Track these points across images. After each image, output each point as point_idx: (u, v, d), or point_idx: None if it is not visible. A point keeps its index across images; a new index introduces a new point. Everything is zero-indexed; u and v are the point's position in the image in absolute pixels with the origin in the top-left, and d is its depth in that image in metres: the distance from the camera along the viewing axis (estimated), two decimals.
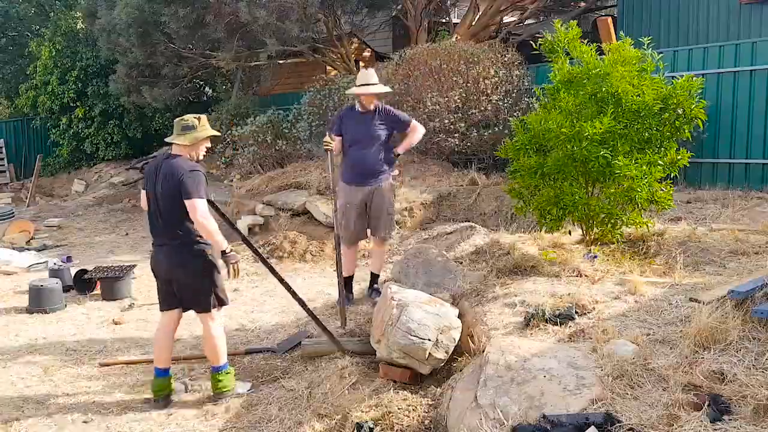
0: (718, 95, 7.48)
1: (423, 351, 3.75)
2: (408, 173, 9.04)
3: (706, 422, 2.51)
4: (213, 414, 3.78)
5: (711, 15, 10.11)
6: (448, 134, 8.84)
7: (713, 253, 4.69)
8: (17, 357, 4.70)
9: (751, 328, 3.12)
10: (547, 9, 13.12)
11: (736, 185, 7.31)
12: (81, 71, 15.05)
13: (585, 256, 4.79)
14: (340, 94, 10.27)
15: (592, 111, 4.88)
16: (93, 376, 4.33)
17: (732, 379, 2.77)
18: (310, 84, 11.17)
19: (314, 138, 10.61)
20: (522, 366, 3.14)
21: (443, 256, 5.38)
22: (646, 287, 3.99)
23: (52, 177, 16.89)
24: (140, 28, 11.74)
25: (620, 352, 3.14)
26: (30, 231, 9.62)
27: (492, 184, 8.20)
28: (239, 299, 6.12)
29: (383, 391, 3.61)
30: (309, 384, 4.00)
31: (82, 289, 6.35)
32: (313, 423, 3.46)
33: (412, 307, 3.90)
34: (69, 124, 15.65)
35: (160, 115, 15.25)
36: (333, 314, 5.33)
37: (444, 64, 8.99)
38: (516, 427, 2.71)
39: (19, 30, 18.50)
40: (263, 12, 10.05)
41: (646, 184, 4.73)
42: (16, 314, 5.77)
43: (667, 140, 4.92)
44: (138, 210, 12.42)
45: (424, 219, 7.95)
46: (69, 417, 3.76)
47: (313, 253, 7.47)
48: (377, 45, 14.87)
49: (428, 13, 12.24)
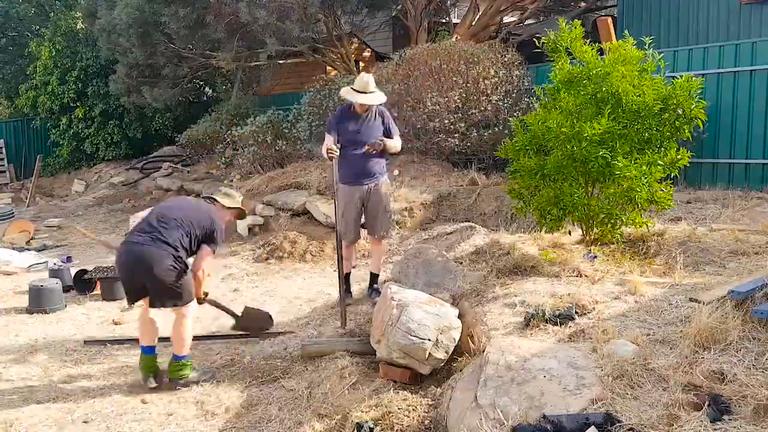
0: (718, 95, 7.47)
1: (423, 351, 3.75)
2: (408, 173, 9.05)
3: (706, 422, 2.51)
4: (213, 414, 3.78)
5: (711, 15, 10.11)
6: (448, 134, 8.84)
7: (713, 253, 4.69)
8: (17, 357, 4.70)
9: (751, 328, 3.12)
10: (547, 9, 13.13)
11: (736, 185, 7.30)
12: (81, 71, 15.06)
13: (585, 256, 4.79)
14: (340, 95, 10.27)
15: (592, 111, 4.88)
16: (93, 376, 4.33)
17: (732, 379, 2.77)
18: (310, 84, 11.18)
19: (314, 138, 10.61)
20: (522, 366, 3.14)
21: (443, 256, 5.38)
22: (646, 287, 3.99)
23: (52, 177, 16.89)
24: (140, 28, 11.74)
25: (620, 352, 3.14)
26: (30, 231, 9.62)
27: (492, 184, 8.20)
28: (239, 299, 6.12)
29: (383, 391, 3.61)
30: (309, 384, 4.00)
31: (82, 289, 6.35)
32: (313, 423, 3.46)
33: (412, 307, 3.90)
34: (69, 125, 15.65)
35: (160, 115, 15.26)
36: (333, 314, 5.33)
37: (444, 64, 8.99)
38: (516, 427, 2.71)
39: (19, 30, 18.51)
40: (263, 12, 10.05)
41: (646, 185, 4.73)
42: (16, 314, 5.76)
43: (667, 140, 4.92)
44: (138, 210, 12.41)
45: (424, 219, 7.95)
46: (69, 417, 3.76)
47: (313, 253, 7.46)
48: (377, 45, 14.88)
49: (428, 13, 12.25)
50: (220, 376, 4.29)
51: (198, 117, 13.72)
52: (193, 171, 13.41)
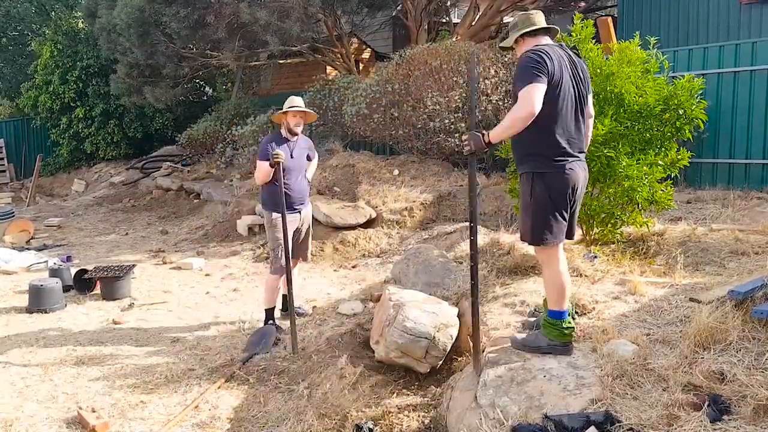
0: (718, 95, 7.48)
1: (420, 349, 3.76)
2: (408, 173, 9.05)
3: (705, 422, 2.51)
4: (213, 414, 3.77)
5: (711, 15, 10.11)
6: (448, 134, 8.84)
7: (713, 253, 4.69)
8: (17, 357, 4.70)
9: (751, 328, 3.12)
10: (547, 9, 13.12)
11: (736, 185, 7.31)
12: (81, 71, 15.07)
13: (585, 256, 4.79)
14: (340, 94, 10.28)
15: (595, 111, 4.88)
16: (93, 376, 4.33)
17: (732, 379, 2.77)
18: (310, 84, 11.19)
19: (314, 138, 10.61)
20: (522, 366, 3.14)
21: (443, 256, 5.39)
22: (646, 287, 3.99)
23: (52, 177, 16.90)
24: (140, 28, 11.75)
25: (620, 352, 3.14)
26: (30, 231, 9.62)
27: (492, 184, 8.21)
28: (239, 299, 6.13)
29: (383, 391, 3.61)
30: (309, 384, 4.00)
31: (82, 288, 6.35)
32: (313, 423, 3.46)
33: (409, 306, 3.90)
34: (69, 124, 15.66)
35: (160, 115, 15.28)
36: (333, 315, 5.33)
37: (444, 64, 8.99)
38: (516, 427, 2.71)
39: (20, 30, 18.52)
40: (264, 12, 10.06)
41: (646, 184, 4.73)
42: (16, 314, 5.76)
43: (668, 140, 4.92)
44: (138, 210, 12.44)
45: (424, 219, 7.96)
46: (69, 417, 3.76)
47: (313, 253, 7.45)
48: (377, 45, 14.89)
49: (428, 13, 12.25)
50: (220, 375, 4.29)
51: (198, 117, 13.74)
52: (193, 170, 13.42)
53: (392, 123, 9.33)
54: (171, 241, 9.14)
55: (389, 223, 7.91)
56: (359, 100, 9.49)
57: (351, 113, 9.59)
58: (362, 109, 9.43)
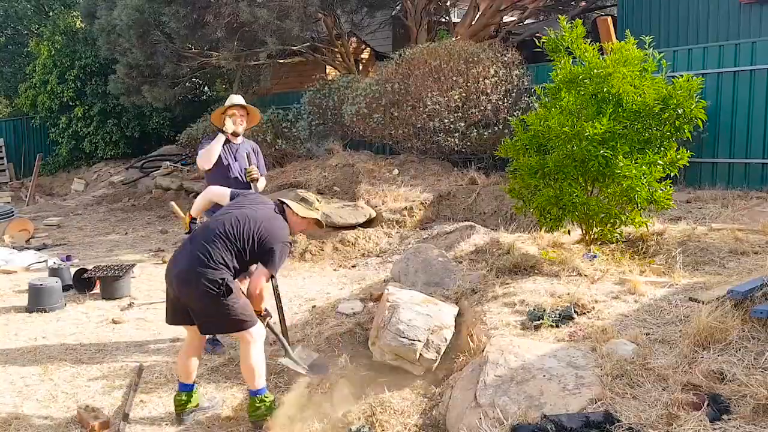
0: (718, 95, 7.48)
1: (413, 352, 3.74)
2: (408, 173, 9.05)
3: (705, 422, 2.51)
4: (214, 414, 3.77)
5: (711, 15, 10.11)
6: (448, 134, 8.84)
7: (713, 252, 4.69)
8: (17, 357, 4.70)
9: (751, 328, 3.12)
10: (546, 8, 13.14)
11: (736, 185, 7.31)
12: (80, 70, 15.06)
13: (584, 256, 4.79)
14: (339, 94, 10.28)
15: (593, 111, 4.88)
16: (93, 376, 4.33)
17: (731, 379, 2.77)
18: (309, 83, 11.18)
19: (314, 137, 10.61)
20: (521, 365, 3.14)
21: (443, 255, 5.39)
22: (645, 287, 3.99)
23: (52, 176, 16.89)
24: (140, 28, 11.74)
25: (620, 351, 3.14)
26: (29, 230, 9.62)
27: (492, 183, 8.21)
28: None
29: (382, 392, 3.61)
30: (308, 384, 4.00)
31: (82, 288, 6.35)
32: (312, 423, 3.46)
33: (403, 308, 3.88)
34: (68, 123, 15.65)
35: (158, 114, 15.26)
36: (332, 314, 5.32)
37: (444, 63, 8.99)
38: (515, 427, 2.71)
39: (18, 29, 18.49)
40: (264, 11, 10.06)
41: (645, 184, 4.73)
42: (16, 313, 5.76)
43: (667, 140, 4.92)
44: (137, 209, 12.45)
45: (424, 218, 7.96)
46: (69, 416, 3.75)
47: (313, 252, 7.47)
48: (377, 44, 14.87)
49: (428, 12, 12.25)
50: (219, 375, 4.28)
51: (197, 116, 13.71)
52: (193, 170, 13.40)
53: (392, 122, 9.33)
54: (171, 241, 9.13)
55: (389, 222, 7.91)
56: (359, 100, 9.49)
57: (351, 113, 9.59)
58: (362, 108, 9.42)
